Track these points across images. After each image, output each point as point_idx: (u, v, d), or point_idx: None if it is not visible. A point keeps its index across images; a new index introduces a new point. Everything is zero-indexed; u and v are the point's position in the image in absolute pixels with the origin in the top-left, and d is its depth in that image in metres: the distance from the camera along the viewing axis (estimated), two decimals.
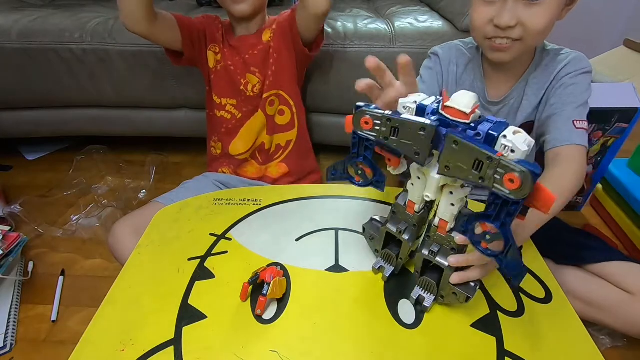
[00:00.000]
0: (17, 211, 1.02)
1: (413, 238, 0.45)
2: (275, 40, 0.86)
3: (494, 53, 0.63)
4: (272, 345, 0.41)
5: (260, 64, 0.88)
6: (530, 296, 0.48)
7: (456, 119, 0.36)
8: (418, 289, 0.46)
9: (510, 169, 0.31)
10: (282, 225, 0.59)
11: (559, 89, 0.65)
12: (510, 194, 0.32)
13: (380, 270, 0.49)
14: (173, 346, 0.41)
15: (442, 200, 0.40)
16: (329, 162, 1.37)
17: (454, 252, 0.42)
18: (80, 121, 1.24)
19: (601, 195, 1.13)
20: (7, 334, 0.78)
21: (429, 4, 1.25)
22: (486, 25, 0.60)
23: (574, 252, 0.66)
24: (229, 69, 0.88)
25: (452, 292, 0.43)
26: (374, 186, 0.44)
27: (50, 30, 1.07)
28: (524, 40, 0.59)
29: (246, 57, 0.88)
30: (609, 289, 0.61)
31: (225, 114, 0.91)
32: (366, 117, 0.38)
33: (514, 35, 0.59)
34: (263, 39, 0.87)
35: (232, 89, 0.90)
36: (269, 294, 0.44)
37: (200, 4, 1.30)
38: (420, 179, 0.41)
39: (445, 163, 0.35)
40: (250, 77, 0.88)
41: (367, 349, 0.41)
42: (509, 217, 0.34)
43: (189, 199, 0.65)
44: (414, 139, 0.36)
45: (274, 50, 0.87)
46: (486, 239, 0.37)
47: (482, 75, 0.71)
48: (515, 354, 0.41)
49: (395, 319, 0.44)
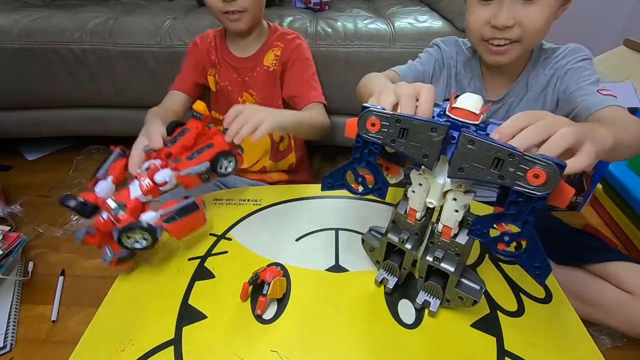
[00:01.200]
0: (17, 211, 1.02)
1: (416, 247, 0.44)
2: (279, 68, 0.85)
3: (492, 56, 0.62)
4: (272, 345, 0.41)
5: (262, 87, 0.86)
6: (530, 296, 0.48)
7: (466, 120, 0.35)
8: (423, 293, 0.45)
9: (534, 163, 0.30)
10: (282, 225, 0.59)
11: (564, 76, 0.64)
12: (536, 189, 0.31)
13: (383, 282, 0.48)
14: (173, 346, 0.41)
15: (445, 206, 0.40)
16: (327, 163, 1.37)
17: (459, 258, 0.41)
18: (80, 121, 1.24)
19: (601, 195, 1.13)
20: (7, 334, 0.78)
21: (429, 4, 1.25)
22: (483, 26, 0.59)
23: (574, 252, 0.66)
24: (226, 89, 0.87)
25: (458, 296, 0.42)
26: (375, 194, 0.43)
27: (50, 30, 1.07)
28: (522, 41, 0.58)
29: (246, 79, 0.86)
30: (609, 289, 0.61)
31: (220, 116, 0.92)
32: (373, 119, 0.36)
33: (512, 36, 0.58)
34: (264, 62, 0.85)
35: (229, 106, 0.89)
36: (269, 294, 0.44)
37: (200, 4, 1.30)
38: (422, 186, 0.40)
39: (458, 165, 0.34)
40: (247, 97, 0.88)
41: (367, 349, 0.41)
42: (532, 214, 0.33)
43: None
44: (424, 141, 0.35)
45: (279, 78, 0.86)
46: (504, 240, 0.35)
47: (480, 74, 0.70)
48: (515, 353, 0.41)
49: (395, 318, 0.44)
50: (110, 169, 0.51)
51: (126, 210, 0.46)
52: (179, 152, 0.52)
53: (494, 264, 0.53)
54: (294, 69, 0.84)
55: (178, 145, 0.53)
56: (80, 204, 0.46)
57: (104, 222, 0.46)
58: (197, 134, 0.54)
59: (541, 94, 0.67)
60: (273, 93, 0.87)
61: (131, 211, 0.47)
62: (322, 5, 1.26)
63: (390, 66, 0.70)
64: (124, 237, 0.44)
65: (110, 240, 0.46)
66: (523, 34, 0.57)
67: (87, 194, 0.48)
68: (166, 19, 1.11)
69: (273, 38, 0.86)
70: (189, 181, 0.51)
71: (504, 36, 0.58)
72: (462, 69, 0.72)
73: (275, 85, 0.86)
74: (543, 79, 0.66)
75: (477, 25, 0.60)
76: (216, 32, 0.88)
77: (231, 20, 0.77)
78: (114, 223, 0.46)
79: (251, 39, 0.85)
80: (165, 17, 1.12)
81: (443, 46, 0.73)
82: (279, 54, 0.84)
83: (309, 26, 1.07)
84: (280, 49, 0.85)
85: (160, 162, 0.51)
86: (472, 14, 0.61)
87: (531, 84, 0.67)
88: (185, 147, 0.53)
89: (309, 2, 1.25)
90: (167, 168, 0.50)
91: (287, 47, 0.85)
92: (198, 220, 0.50)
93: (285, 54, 0.84)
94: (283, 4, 1.31)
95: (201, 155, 0.52)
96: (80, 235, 0.47)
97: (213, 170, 0.53)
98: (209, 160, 0.52)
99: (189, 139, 0.53)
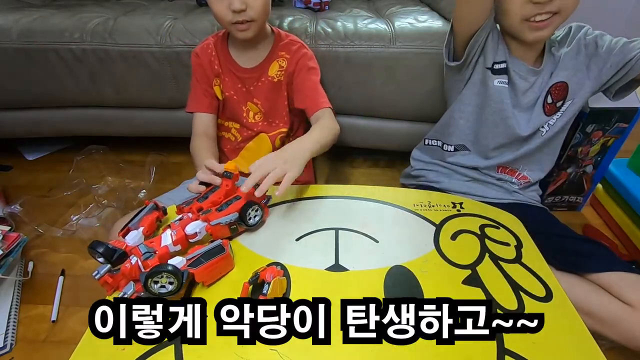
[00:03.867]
0: (17, 211, 1.02)
1: None
2: (285, 79, 0.85)
3: (534, 33, 0.64)
4: (272, 345, 0.41)
5: (266, 97, 0.86)
6: (530, 295, 0.48)
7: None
8: None
9: None
10: (282, 225, 0.59)
11: (599, 47, 0.70)
12: None
13: None
14: (173, 345, 0.42)
15: None
16: (326, 163, 1.37)
17: None
18: (80, 121, 1.24)
19: (601, 195, 1.13)
20: (7, 334, 0.78)
21: (429, 4, 1.25)
22: (524, 5, 0.62)
23: (575, 259, 0.64)
24: (231, 98, 0.87)
25: None
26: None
27: (50, 30, 1.07)
28: (561, 11, 0.61)
29: (251, 89, 0.86)
30: (610, 300, 0.59)
31: (230, 136, 0.92)
32: None
33: (553, 8, 0.61)
34: (269, 73, 0.85)
35: (234, 114, 0.89)
36: (269, 293, 0.44)
37: (200, 4, 1.30)
38: None
39: None
40: (251, 106, 0.88)
41: (367, 348, 0.41)
42: None
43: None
44: None
45: (284, 89, 0.86)
46: None
47: (509, 52, 0.73)
48: (515, 352, 0.41)
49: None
50: (142, 220, 0.54)
51: (155, 257, 0.47)
52: (209, 207, 0.55)
53: (494, 263, 0.53)
54: (300, 78, 0.85)
55: (208, 201, 0.56)
56: (109, 249, 0.48)
57: (131, 267, 0.46)
58: (227, 191, 0.58)
59: (577, 60, 0.72)
60: (277, 102, 0.87)
61: (160, 258, 0.47)
62: (322, 5, 1.26)
63: (389, 66, 0.70)
64: (150, 282, 0.43)
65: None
66: (562, 3, 0.61)
67: (117, 242, 0.50)
68: (166, 19, 1.11)
69: (278, 47, 0.85)
70: (218, 231, 0.53)
71: (546, 10, 0.61)
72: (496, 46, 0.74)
73: (280, 94, 0.86)
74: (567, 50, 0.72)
75: (517, 6, 0.63)
76: (217, 40, 0.86)
77: (240, 30, 0.76)
78: (140, 269, 0.46)
79: (256, 48, 0.85)
80: (165, 17, 1.12)
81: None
82: (284, 66, 0.84)
83: (309, 26, 1.07)
84: (285, 60, 0.85)
85: (191, 215, 0.54)
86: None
87: (557, 56, 0.72)
88: (215, 204, 0.56)
89: (309, 2, 1.25)
90: (198, 220, 0.53)
91: (292, 58, 0.84)
92: (226, 263, 0.50)
93: (291, 65, 0.84)
94: (283, 4, 1.31)
95: (229, 207, 0.55)
96: (101, 272, 0.46)
97: (242, 220, 0.55)
98: (237, 211, 0.54)
99: (219, 195, 0.57)
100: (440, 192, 0.75)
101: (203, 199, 0.57)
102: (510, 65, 0.72)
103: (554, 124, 0.75)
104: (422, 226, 0.60)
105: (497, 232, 0.59)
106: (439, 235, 0.57)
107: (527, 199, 0.80)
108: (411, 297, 0.46)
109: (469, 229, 0.59)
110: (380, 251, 0.55)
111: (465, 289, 0.49)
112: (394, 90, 1.07)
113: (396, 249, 0.55)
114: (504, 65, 0.72)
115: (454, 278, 0.50)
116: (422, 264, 0.52)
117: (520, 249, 0.56)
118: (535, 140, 0.76)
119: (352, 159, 1.39)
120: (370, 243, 0.56)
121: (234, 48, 0.85)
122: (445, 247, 0.55)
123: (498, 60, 0.72)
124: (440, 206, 0.64)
